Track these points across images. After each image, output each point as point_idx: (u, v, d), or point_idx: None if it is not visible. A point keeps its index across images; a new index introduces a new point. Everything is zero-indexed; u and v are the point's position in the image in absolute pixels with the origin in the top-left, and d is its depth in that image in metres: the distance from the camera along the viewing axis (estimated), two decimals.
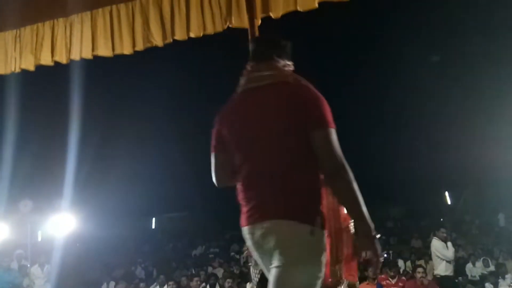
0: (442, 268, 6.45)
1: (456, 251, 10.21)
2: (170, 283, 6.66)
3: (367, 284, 5.94)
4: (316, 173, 1.65)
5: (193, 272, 9.12)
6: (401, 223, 18.72)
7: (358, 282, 1.89)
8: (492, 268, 8.05)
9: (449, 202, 22.09)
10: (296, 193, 1.62)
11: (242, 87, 1.77)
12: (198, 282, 6.60)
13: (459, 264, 9.08)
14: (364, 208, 1.59)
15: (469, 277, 8.12)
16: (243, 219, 1.73)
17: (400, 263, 9.34)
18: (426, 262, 9.16)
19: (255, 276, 2.57)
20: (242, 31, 3.20)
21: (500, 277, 7.29)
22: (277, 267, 1.60)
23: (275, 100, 1.67)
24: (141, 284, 7.85)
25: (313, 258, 1.59)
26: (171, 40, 3.12)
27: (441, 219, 18.15)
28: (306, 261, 1.58)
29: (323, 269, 1.62)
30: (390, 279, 6.44)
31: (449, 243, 6.66)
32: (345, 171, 1.58)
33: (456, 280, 7.67)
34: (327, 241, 1.68)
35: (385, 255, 10.26)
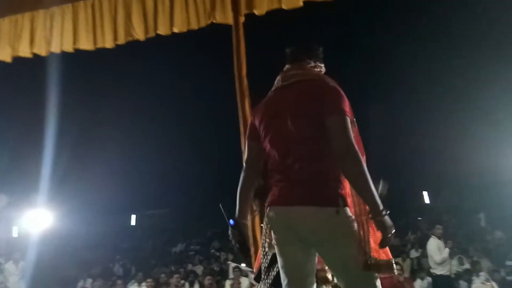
0: (438, 267, 6.61)
1: None
2: (149, 280, 6.60)
3: None
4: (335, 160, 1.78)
5: (173, 269, 9.04)
6: None
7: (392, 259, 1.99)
8: (467, 266, 8.24)
9: (427, 201, 22.53)
10: (320, 179, 1.80)
11: (276, 85, 2.01)
12: (176, 279, 6.55)
13: None
14: (373, 188, 1.73)
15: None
16: (272, 199, 1.90)
17: None
18: (404, 260, 9.35)
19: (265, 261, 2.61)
20: (226, 27, 3.20)
21: (474, 274, 7.47)
22: (316, 249, 1.83)
23: (299, 94, 1.89)
24: (119, 281, 7.74)
25: (344, 233, 1.76)
26: (154, 35, 3.09)
27: (419, 218, 18.54)
28: (339, 237, 1.76)
29: (356, 242, 1.78)
30: None
31: (447, 249, 6.82)
32: (354, 152, 1.72)
33: (431, 277, 7.84)
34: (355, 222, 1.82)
35: None
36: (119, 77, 14.70)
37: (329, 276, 2.49)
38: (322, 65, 2.08)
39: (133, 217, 19.87)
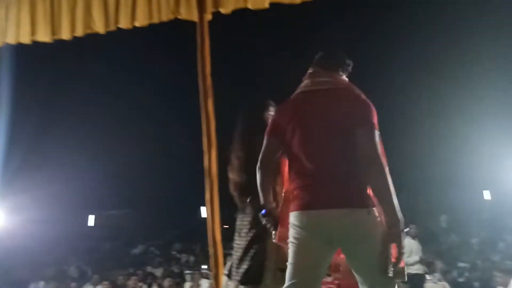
0: (413, 267, 6.80)
1: None
2: (105, 283, 6.37)
3: None
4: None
5: (131, 271, 8.79)
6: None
7: None
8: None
9: None
10: (351, 181, 1.90)
11: (305, 88, 2.10)
12: (134, 281, 6.36)
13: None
14: (395, 200, 1.82)
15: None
16: (298, 204, 1.95)
17: None
18: None
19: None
20: (191, 24, 3.13)
21: (428, 274, 7.75)
22: (345, 251, 1.94)
23: (332, 102, 2.00)
24: (73, 284, 7.44)
25: (374, 232, 1.86)
26: (115, 28, 2.97)
27: None
28: (371, 237, 1.85)
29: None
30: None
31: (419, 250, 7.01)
32: (381, 163, 1.85)
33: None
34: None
35: None
36: (77, 72, 14.14)
37: None
38: (347, 78, 2.17)
39: (91, 217, 19.16)
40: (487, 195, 13.87)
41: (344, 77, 2.15)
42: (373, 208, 1.89)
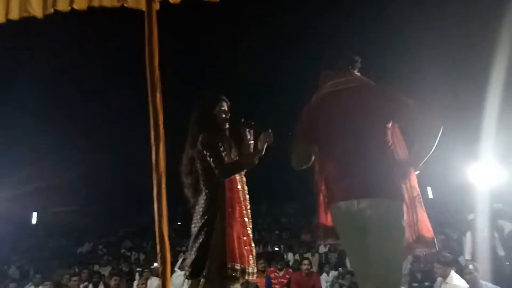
0: None
1: (339, 245, 11.12)
2: (47, 283, 6.05)
3: (257, 277, 6.11)
4: (393, 156, 2.15)
5: (77, 271, 8.43)
6: (294, 219, 19.75)
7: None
8: None
9: None
10: (384, 174, 2.07)
11: (330, 88, 2.24)
12: (76, 282, 6.10)
13: (340, 256, 9.89)
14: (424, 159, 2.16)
15: (348, 268, 8.84)
16: (337, 194, 2.11)
17: (290, 256, 9.83)
18: (313, 255, 9.80)
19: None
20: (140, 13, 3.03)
21: None
22: (379, 235, 2.04)
23: (361, 99, 2.15)
24: (12, 285, 7.01)
25: (399, 223, 2.06)
26: (52, 11, 2.78)
27: None
28: (397, 226, 2.05)
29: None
30: (278, 271, 6.72)
31: None
32: (439, 126, 2.11)
33: (337, 271, 8.31)
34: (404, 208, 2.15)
35: (276, 249, 10.74)
36: (17, 62, 13.23)
37: (236, 274, 2.49)
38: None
39: (34, 214, 18.16)
40: (429, 192, 14.71)
41: (359, 74, 2.30)
42: (402, 202, 2.10)
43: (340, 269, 8.46)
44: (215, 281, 2.44)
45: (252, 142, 2.76)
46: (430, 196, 14.70)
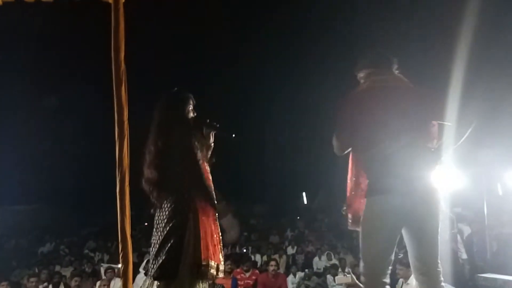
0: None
1: (306, 246, 11.25)
2: (4, 283, 5.79)
3: (223, 278, 6.07)
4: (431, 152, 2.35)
5: (37, 271, 8.11)
6: (263, 220, 19.83)
7: None
8: (334, 261, 9.01)
9: (305, 202, 24.17)
10: (426, 168, 2.28)
11: (373, 84, 2.37)
12: (34, 283, 5.87)
13: (307, 258, 10.00)
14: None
15: (315, 270, 8.95)
16: (383, 188, 2.23)
17: (258, 257, 9.84)
18: (280, 256, 9.85)
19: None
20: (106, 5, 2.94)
21: (340, 269, 8.21)
22: (432, 222, 2.29)
23: (406, 99, 2.31)
24: None
25: (438, 212, 2.34)
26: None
27: (298, 217, 19.81)
28: (436, 215, 2.33)
29: None
30: (244, 272, 6.71)
31: None
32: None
33: (303, 272, 8.39)
34: None
35: (244, 250, 10.72)
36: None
37: (213, 271, 2.49)
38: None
39: None
40: None
41: (399, 74, 2.44)
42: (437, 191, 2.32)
43: (306, 270, 8.55)
44: (186, 281, 2.42)
45: (213, 145, 2.73)
46: None
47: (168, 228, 2.45)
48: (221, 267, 2.56)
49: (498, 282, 4.62)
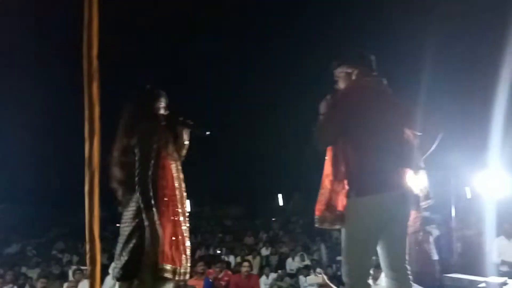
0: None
1: (280, 247, 11.31)
2: None
3: (196, 279, 6.03)
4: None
5: (2, 272, 7.82)
6: (238, 222, 19.83)
7: None
8: (307, 262, 9.10)
9: (281, 203, 24.30)
10: (404, 169, 2.33)
11: (368, 84, 2.40)
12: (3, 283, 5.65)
13: (281, 259, 10.05)
14: None
15: (288, 271, 9.01)
16: (375, 185, 2.23)
17: (231, 258, 9.83)
18: (254, 257, 9.87)
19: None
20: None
21: (312, 270, 8.29)
22: (403, 226, 2.36)
23: (393, 100, 2.42)
24: None
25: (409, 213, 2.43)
26: None
27: (273, 219, 19.90)
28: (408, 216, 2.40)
29: None
30: (217, 273, 6.68)
31: None
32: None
33: (276, 273, 8.43)
34: None
35: (218, 252, 10.68)
36: None
37: (168, 275, 2.42)
38: None
39: None
40: None
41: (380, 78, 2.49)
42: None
43: (279, 271, 8.59)
44: (148, 282, 2.37)
45: (188, 143, 2.71)
46: None
47: (130, 228, 2.42)
48: (182, 270, 2.47)
49: (463, 282, 4.76)
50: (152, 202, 2.42)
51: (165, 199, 2.47)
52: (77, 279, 5.98)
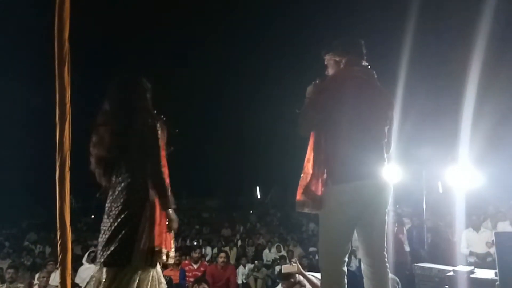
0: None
1: (257, 239, 11.39)
2: None
3: (171, 270, 6.00)
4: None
5: None
6: (215, 214, 19.83)
7: None
8: (283, 253, 9.18)
9: (259, 196, 24.45)
10: (383, 158, 2.40)
11: (356, 74, 2.38)
12: None
13: (258, 250, 10.12)
14: None
15: (264, 261, 9.07)
16: (354, 174, 2.25)
17: (208, 250, 9.83)
18: (231, 249, 9.90)
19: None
20: None
21: (288, 260, 8.37)
22: (382, 213, 2.39)
23: (379, 90, 2.43)
24: None
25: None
26: None
27: (251, 211, 20.00)
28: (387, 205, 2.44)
29: None
30: (193, 264, 6.67)
31: None
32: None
33: (253, 264, 8.48)
34: None
35: (195, 243, 10.66)
36: None
37: (164, 258, 2.50)
38: None
39: None
40: None
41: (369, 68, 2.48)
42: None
43: (256, 262, 8.64)
44: (139, 268, 2.41)
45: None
46: None
47: (123, 215, 2.41)
48: (171, 254, 2.56)
49: (433, 271, 4.91)
50: (168, 190, 2.49)
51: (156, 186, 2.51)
52: (49, 270, 5.86)
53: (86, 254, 6.62)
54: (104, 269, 2.42)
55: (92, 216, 14.21)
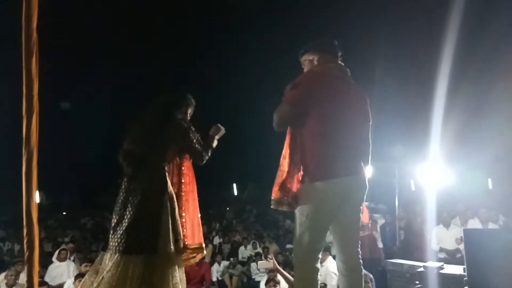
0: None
1: (233, 236, 11.37)
2: None
3: None
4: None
5: None
6: None
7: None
8: (259, 250, 9.20)
9: (235, 193, 24.42)
10: (366, 154, 2.44)
11: (333, 71, 2.40)
12: None
13: (234, 247, 10.11)
14: None
15: (240, 258, 9.07)
16: (331, 171, 2.24)
17: None
18: (206, 246, 9.84)
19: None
20: None
21: (263, 257, 8.40)
22: (356, 210, 2.43)
23: (356, 88, 2.45)
24: None
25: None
26: None
27: (227, 208, 19.95)
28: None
29: None
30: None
31: None
32: None
33: (228, 261, 8.47)
34: None
35: None
36: None
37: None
38: None
39: None
40: None
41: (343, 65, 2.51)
42: None
43: (231, 259, 8.63)
44: (164, 257, 2.47)
45: None
46: None
47: (148, 203, 2.50)
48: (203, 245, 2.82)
49: (404, 266, 5.03)
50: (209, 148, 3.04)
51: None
52: (17, 269, 5.64)
53: (57, 252, 6.46)
54: (115, 258, 2.43)
55: (64, 213, 13.86)
